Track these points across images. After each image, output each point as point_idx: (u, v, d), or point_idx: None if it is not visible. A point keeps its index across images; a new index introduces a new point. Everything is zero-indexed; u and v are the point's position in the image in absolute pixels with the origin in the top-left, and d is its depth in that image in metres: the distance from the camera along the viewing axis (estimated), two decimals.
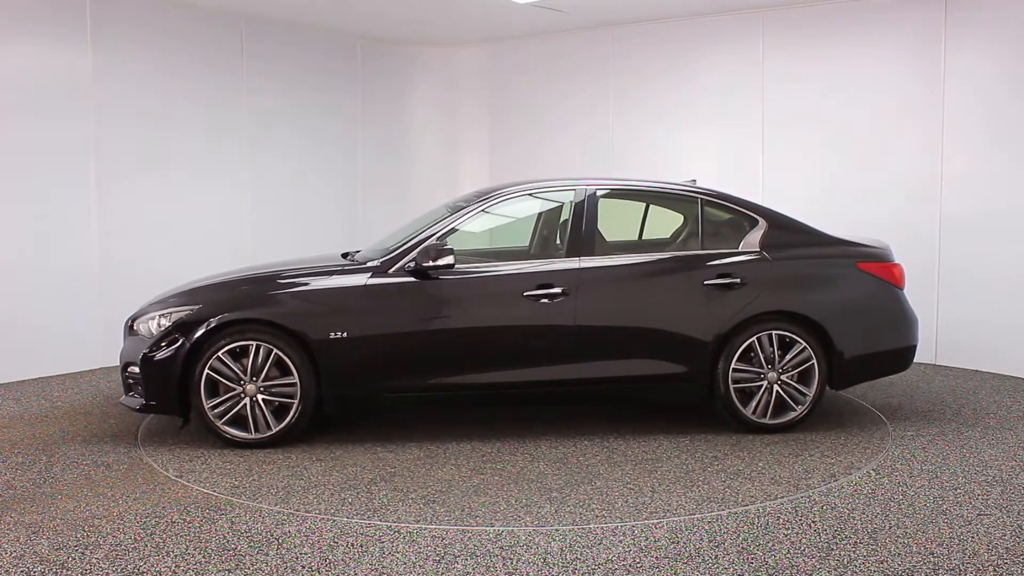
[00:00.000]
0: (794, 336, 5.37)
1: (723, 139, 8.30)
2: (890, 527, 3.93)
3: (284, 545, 3.77)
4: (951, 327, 7.24)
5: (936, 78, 7.23)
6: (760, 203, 5.74)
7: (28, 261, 7.00)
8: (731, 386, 5.36)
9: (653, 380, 5.41)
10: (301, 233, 8.85)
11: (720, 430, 5.46)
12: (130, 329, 5.46)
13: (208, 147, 8.17)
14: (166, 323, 5.19)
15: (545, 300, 5.26)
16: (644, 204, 6.12)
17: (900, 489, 4.43)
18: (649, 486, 4.49)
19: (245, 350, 5.09)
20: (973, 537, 3.82)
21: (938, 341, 7.33)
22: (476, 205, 5.49)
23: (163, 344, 5.14)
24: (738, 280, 5.38)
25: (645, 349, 5.36)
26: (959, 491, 4.39)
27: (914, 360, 5.74)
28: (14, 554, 3.69)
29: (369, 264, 5.32)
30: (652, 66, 8.70)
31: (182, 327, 5.12)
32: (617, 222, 5.94)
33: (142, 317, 5.37)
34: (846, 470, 4.73)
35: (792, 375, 5.39)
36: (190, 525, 3.99)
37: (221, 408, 5.11)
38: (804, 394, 5.40)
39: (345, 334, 5.11)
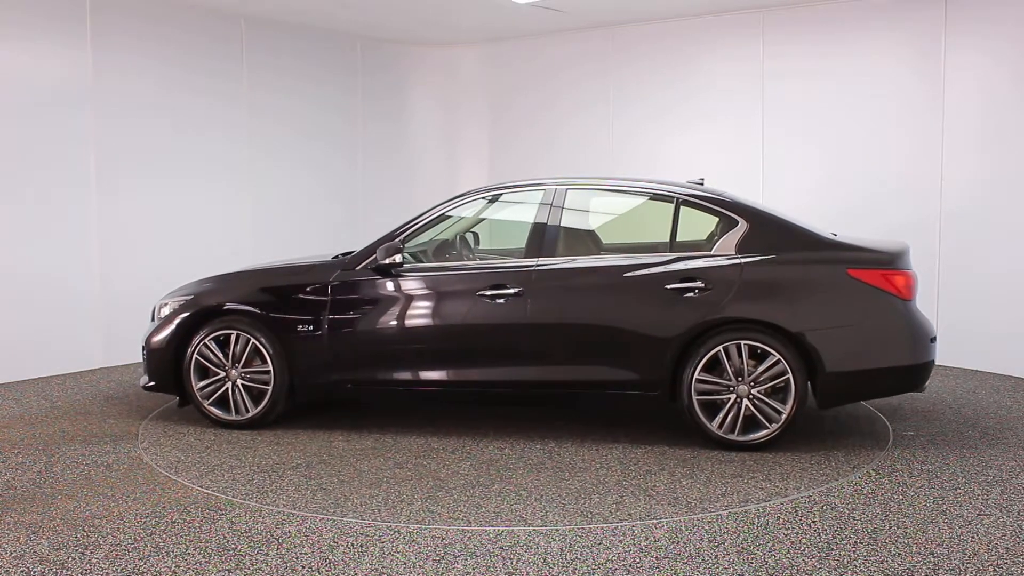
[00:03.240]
0: (766, 348, 4.95)
1: (724, 138, 8.30)
2: (890, 527, 3.93)
3: (284, 545, 3.77)
4: (951, 327, 7.24)
5: (936, 77, 7.23)
6: (748, 203, 5.36)
7: (28, 261, 7.00)
8: (695, 397, 5.02)
9: (607, 386, 5.17)
10: (302, 232, 8.85)
11: (688, 443, 5.17)
12: (153, 314, 5.89)
13: (209, 147, 8.17)
14: (167, 310, 5.71)
15: (500, 300, 5.24)
16: (618, 203, 5.92)
17: (900, 489, 4.43)
18: (537, 496, 4.36)
19: (229, 338, 5.52)
20: (973, 537, 3.82)
21: (938, 341, 7.31)
22: (445, 206, 5.65)
23: (161, 329, 5.65)
24: (702, 285, 5.03)
25: (599, 354, 5.16)
26: (959, 491, 4.39)
27: (928, 377, 5.18)
28: (14, 554, 3.69)
29: (339, 262, 5.60)
30: (652, 66, 8.70)
31: (176, 314, 5.63)
32: (593, 222, 5.75)
33: (160, 303, 5.84)
34: (846, 470, 4.73)
35: (766, 389, 4.97)
36: (190, 525, 4.00)
37: (208, 390, 5.57)
38: (779, 411, 4.96)
39: (311, 328, 5.42)
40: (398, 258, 5.37)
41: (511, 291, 5.23)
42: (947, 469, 4.74)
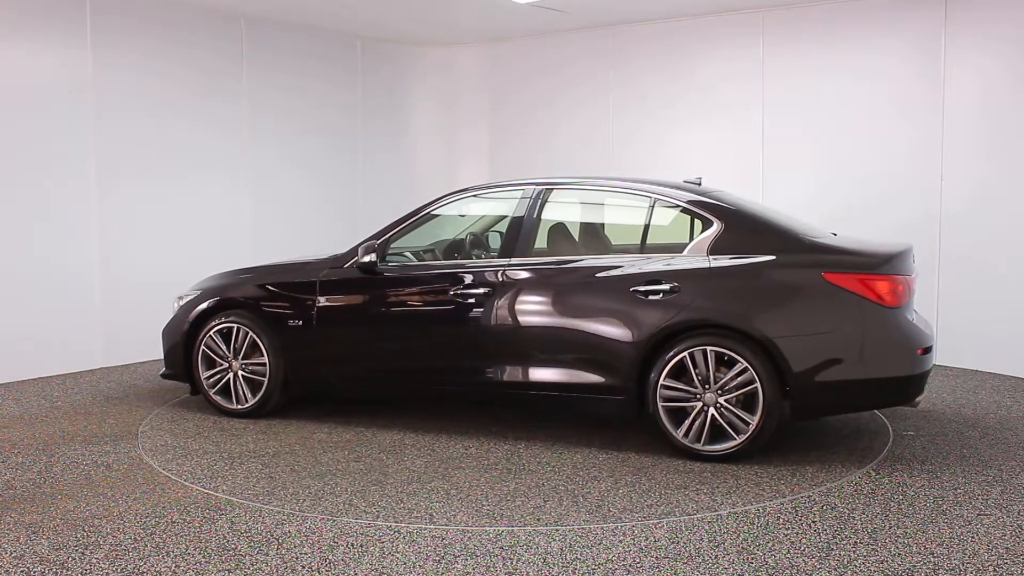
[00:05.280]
0: (733, 354, 4.71)
1: (723, 138, 8.30)
2: (890, 527, 3.93)
3: (284, 545, 3.78)
4: (951, 327, 7.24)
5: (936, 77, 7.23)
6: (728, 203, 5.14)
7: (28, 260, 7.00)
8: (660, 404, 4.85)
9: (574, 389, 5.08)
10: (302, 231, 8.85)
11: (658, 451, 4.99)
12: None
13: (208, 146, 8.17)
14: (181, 304, 6.07)
15: (471, 300, 5.28)
16: (594, 204, 5.82)
17: (900, 489, 4.43)
18: (463, 496, 4.34)
19: (232, 331, 5.81)
20: (973, 537, 3.82)
21: (938, 341, 7.31)
22: (429, 207, 5.71)
23: (175, 321, 6.04)
24: (667, 287, 4.86)
25: (565, 356, 5.09)
26: (959, 491, 4.39)
27: (921, 390, 4.83)
28: (14, 554, 3.69)
29: (329, 260, 5.79)
30: (652, 66, 8.70)
31: (187, 308, 5.98)
32: (568, 223, 5.70)
33: (177, 296, 6.20)
34: (846, 470, 4.73)
35: (734, 398, 4.73)
36: (190, 525, 4.00)
37: (213, 380, 5.88)
38: (746, 422, 4.72)
39: (301, 323, 5.64)
40: (374, 256, 5.51)
41: (481, 291, 5.26)
42: (947, 469, 4.74)
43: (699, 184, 5.60)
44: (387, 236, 5.64)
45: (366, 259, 5.52)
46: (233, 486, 4.54)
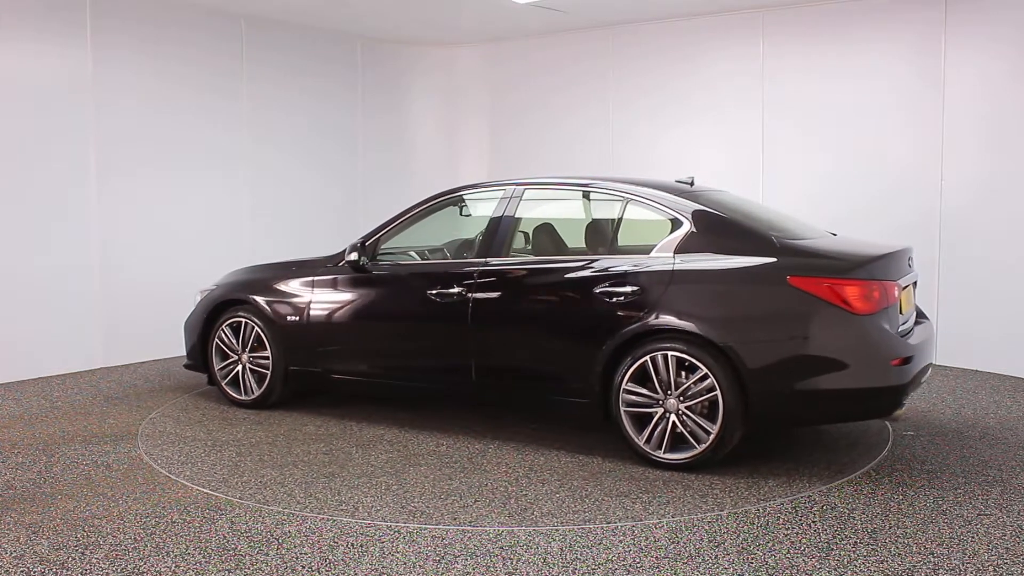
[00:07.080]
0: (693, 360, 4.54)
1: (723, 138, 8.30)
2: (890, 527, 3.93)
3: (284, 545, 3.78)
4: (951, 327, 7.24)
5: (936, 77, 7.23)
6: (705, 202, 4.98)
7: (28, 260, 7.00)
8: (622, 409, 4.74)
9: (543, 391, 5.09)
10: (302, 229, 8.85)
11: (629, 458, 4.85)
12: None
13: (209, 146, 8.17)
14: (200, 298, 6.37)
15: (444, 300, 5.30)
16: (569, 203, 5.81)
17: (900, 489, 4.43)
18: (402, 492, 4.38)
19: (240, 326, 6.07)
20: (973, 537, 3.82)
21: (938, 341, 7.32)
22: (418, 207, 5.77)
23: (195, 315, 6.33)
24: (629, 290, 4.74)
25: (533, 357, 5.09)
26: (959, 491, 4.39)
27: (899, 404, 4.50)
28: (14, 554, 3.69)
29: (326, 258, 5.96)
30: (652, 66, 8.70)
31: (205, 302, 6.27)
32: (547, 222, 5.70)
33: (198, 290, 6.47)
34: (846, 470, 4.73)
35: (697, 405, 4.56)
36: (190, 525, 4.00)
37: (224, 371, 6.16)
38: (707, 431, 4.54)
39: (298, 319, 5.85)
40: (357, 255, 5.64)
41: (455, 290, 5.27)
42: (947, 469, 4.74)
43: (691, 184, 5.46)
44: (377, 236, 5.74)
45: (351, 258, 5.67)
46: (195, 472, 4.72)
